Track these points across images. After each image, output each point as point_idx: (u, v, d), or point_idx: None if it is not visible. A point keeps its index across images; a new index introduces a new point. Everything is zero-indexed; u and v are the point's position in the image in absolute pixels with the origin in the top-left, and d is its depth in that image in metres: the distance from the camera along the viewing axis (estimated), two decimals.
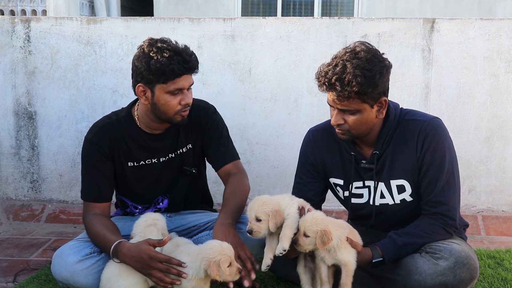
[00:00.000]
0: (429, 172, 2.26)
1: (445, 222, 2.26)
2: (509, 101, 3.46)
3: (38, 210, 3.70)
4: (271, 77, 3.55)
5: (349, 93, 2.11)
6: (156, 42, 2.31)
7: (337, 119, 2.22)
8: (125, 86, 3.59)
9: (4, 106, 3.68)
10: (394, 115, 2.31)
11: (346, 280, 2.15)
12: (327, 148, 2.44)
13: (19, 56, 3.62)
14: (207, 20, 3.53)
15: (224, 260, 2.08)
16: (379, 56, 2.18)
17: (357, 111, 2.17)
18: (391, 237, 2.25)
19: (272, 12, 8.06)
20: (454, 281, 2.15)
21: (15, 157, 3.72)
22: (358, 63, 2.10)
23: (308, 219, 2.14)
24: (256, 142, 3.61)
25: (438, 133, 2.26)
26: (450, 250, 2.19)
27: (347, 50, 2.19)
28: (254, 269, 2.24)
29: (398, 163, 2.30)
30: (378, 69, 2.13)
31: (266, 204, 2.17)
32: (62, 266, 2.32)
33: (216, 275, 2.08)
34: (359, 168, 2.38)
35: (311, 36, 3.50)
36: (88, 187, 2.48)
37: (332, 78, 2.12)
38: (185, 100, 2.34)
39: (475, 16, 4.54)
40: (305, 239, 2.13)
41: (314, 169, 2.47)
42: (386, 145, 2.31)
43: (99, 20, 3.60)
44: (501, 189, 3.54)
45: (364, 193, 2.40)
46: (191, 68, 2.32)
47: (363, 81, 2.08)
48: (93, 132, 2.48)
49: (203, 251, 2.11)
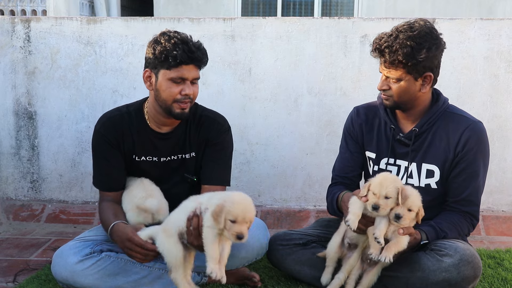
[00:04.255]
0: (467, 170, 2.35)
1: (472, 222, 2.38)
2: (509, 101, 3.46)
3: (38, 210, 3.70)
4: (271, 77, 3.55)
5: (393, 61, 2.24)
6: (169, 32, 2.37)
7: (382, 84, 2.35)
8: (125, 86, 3.59)
9: (4, 106, 3.68)
10: (443, 102, 2.41)
11: (392, 247, 2.14)
12: (368, 122, 2.55)
13: (19, 56, 3.62)
14: (207, 20, 3.53)
15: (230, 212, 1.98)
16: (434, 33, 2.28)
17: (401, 79, 2.29)
18: (431, 225, 2.31)
19: (272, 12, 8.06)
20: (458, 278, 2.17)
21: (15, 157, 3.72)
22: (409, 35, 2.23)
23: (412, 193, 2.15)
24: (256, 142, 3.61)
25: (484, 136, 2.38)
26: (456, 248, 2.21)
27: (406, 23, 2.31)
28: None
29: (435, 149, 2.38)
30: (427, 44, 2.23)
31: (396, 181, 2.18)
32: (62, 266, 2.33)
33: (214, 218, 1.99)
34: (395, 144, 2.45)
35: (311, 36, 3.50)
36: (99, 176, 2.53)
37: (383, 44, 2.26)
38: (186, 91, 2.34)
39: (475, 16, 4.55)
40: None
41: (353, 141, 2.59)
42: (427, 126, 2.39)
43: (99, 20, 3.60)
44: (501, 189, 3.54)
45: (393, 170, 2.46)
46: (195, 58, 2.33)
47: (409, 51, 2.21)
48: (101, 123, 2.51)
49: (225, 194, 2.10)
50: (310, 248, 2.51)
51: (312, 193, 3.61)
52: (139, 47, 3.55)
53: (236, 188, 3.22)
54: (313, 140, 3.58)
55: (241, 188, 3.58)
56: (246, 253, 2.46)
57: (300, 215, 3.60)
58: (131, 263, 2.38)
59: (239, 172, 3.60)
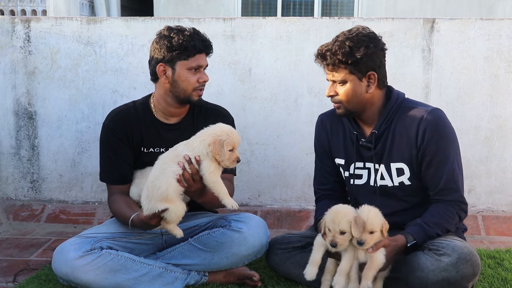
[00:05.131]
0: (435, 161, 2.34)
1: (460, 207, 2.37)
2: (509, 101, 3.46)
3: (38, 210, 3.70)
4: (271, 77, 3.55)
5: (334, 61, 2.30)
6: (175, 27, 2.51)
7: (330, 91, 2.41)
8: (125, 86, 3.59)
9: (4, 106, 3.68)
10: (395, 99, 2.42)
11: (368, 272, 2.14)
12: (333, 129, 2.59)
13: (19, 56, 3.62)
14: (207, 20, 3.53)
15: (229, 143, 2.23)
16: (372, 35, 2.35)
17: (345, 81, 2.33)
18: (418, 223, 2.31)
19: (272, 12, 8.06)
20: (457, 277, 2.17)
21: (15, 157, 3.72)
22: (347, 36, 2.32)
23: (368, 215, 2.15)
24: (256, 142, 3.61)
25: (441, 123, 2.36)
26: (453, 247, 2.21)
27: (346, 30, 2.38)
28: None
29: (398, 147, 2.39)
30: (365, 43, 2.29)
31: (347, 214, 2.16)
32: (62, 262, 2.34)
33: (216, 154, 2.21)
34: (360, 148, 2.47)
35: (311, 36, 3.50)
36: (107, 171, 2.59)
37: (324, 49, 2.35)
38: (203, 78, 2.51)
39: (475, 16, 4.54)
40: (371, 236, 2.14)
41: (322, 151, 2.62)
42: (385, 126, 2.40)
43: (99, 20, 3.60)
44: (501, 189, 3.54)
45: (364, 174, 2.49)
46: (208, 46, 2.52)
47: (347, 51, 2.27)
48: (110, 118, 2.60)
49: (212, 129, 2.29)
50: (309, 251, 2.49)
51: (312, 193, 3.59)
52: (139, 47, 3.55)
53: (236, 188, 3.22)
54: (313, 140, 3.57)
55: (241, 188, 3.58)
56: (247, 251, 2.47)
57: (300, 215, 3.60)
58: (131, 261, 2.40)
59: (239, 172, 3.58)
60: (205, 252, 2.48)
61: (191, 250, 2.50)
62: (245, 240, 2.45)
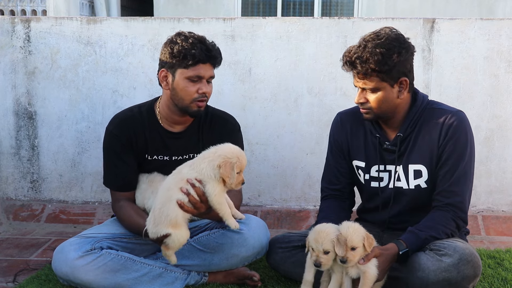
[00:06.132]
0: (449, 161, 2.33)
1: (456, 214, 2.32)
2: (509, 101, 3.46)
3: (38, 210, 3.70)
4: (271, 77, 3.55)
5: (366, 70, 2.23)
6: (184, 32, 2.44)
7: (360, 98, 2.32)
8: (125, 86, 3.59)
9: (4, 106, 3.68)
10: (421, 102, 2.40)
11: (363, 286, 2.12)
12: (353, 130, 2.53)
13: (19, 56, 3.62)
14: (207, 20, 3.53)
15: (238, 166, 2.19)
16: (401, 39, 2.28)
17: (377, 89, 2.27)
18: (410, 230, 2.29)
19: (272, 12, 8.06)
20: (458, 278, 2.17)
21: (15, 157, 3.72)
22: (377, 43, 2.23)
23: (347, 232, 2.12)
24: (256, 142, 3.61)
25: (463, 125, 2.36)
26: (455, 247, 2.21)
27: (372, 32, 2.30)
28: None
29: (419, 148, 2.37)
30: (397, 49, 2.23)
31: (329, 233, 2.14)
32: (62, 262, 2.34)
33: (227, 176, 2.16)
34: (382, 151, 2.44)
35: (311, 36, 3.50)
36: (112, 177, 2.55)
37: (353, 56, 2.25)
38: (203, 89, 2.40)
39: (475, 16, 4.55)
40: (353, 252, 2.10)
41: (340, 150, 2.57)
42: (411, 129, 2.38)
43: (99, 20, 3.60)
44: (501, 189, 3.54)
45: (385, 177, 2.46)
46: (212, 57, 2.40)
47: (379, 59, 2.20)
48: (114, 124, 2.54)
49: (221, 150, 2.23)
50: None
51: (312, 193, 3.61)
52: (139, 47, 3.55)
53: None
54: (313, 140, 3.58)
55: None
56: (247, 252, 2.47)
57: (300, 215, 3.60)
58: (131, 261, 2.40)
59: None
60: (205, 253, 2.48)
61: (191, 251, 2.49)
62: (245, 241, 2.45)
